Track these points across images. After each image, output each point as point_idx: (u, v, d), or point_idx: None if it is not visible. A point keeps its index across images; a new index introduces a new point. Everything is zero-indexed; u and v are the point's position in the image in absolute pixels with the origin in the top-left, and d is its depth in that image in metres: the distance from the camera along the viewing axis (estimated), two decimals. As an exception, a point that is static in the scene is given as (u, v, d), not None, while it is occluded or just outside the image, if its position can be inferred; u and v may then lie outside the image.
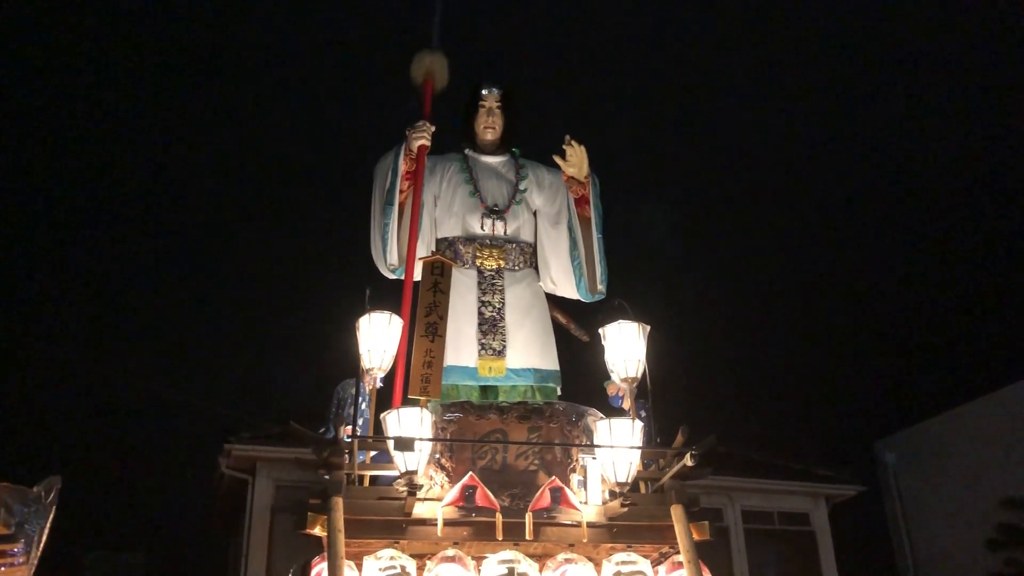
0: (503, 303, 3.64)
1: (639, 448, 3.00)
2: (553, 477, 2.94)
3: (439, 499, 2.89)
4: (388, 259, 3.68)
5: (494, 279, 3.69)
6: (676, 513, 2.90)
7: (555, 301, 3.87)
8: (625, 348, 3.21)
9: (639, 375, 3.19)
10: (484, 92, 3.93)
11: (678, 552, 2.88)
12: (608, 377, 3.35)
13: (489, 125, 3.92)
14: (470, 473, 2.90)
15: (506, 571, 2.78)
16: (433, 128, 3.72)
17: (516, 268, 3.75)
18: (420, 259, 3.45)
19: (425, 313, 3.26)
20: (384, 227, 3.68)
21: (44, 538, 2.61)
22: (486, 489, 2.84)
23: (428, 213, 3.81)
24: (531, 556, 2.85)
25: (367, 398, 3.17)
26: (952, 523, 9.28)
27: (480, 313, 3.61)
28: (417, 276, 3.44)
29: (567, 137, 3.74)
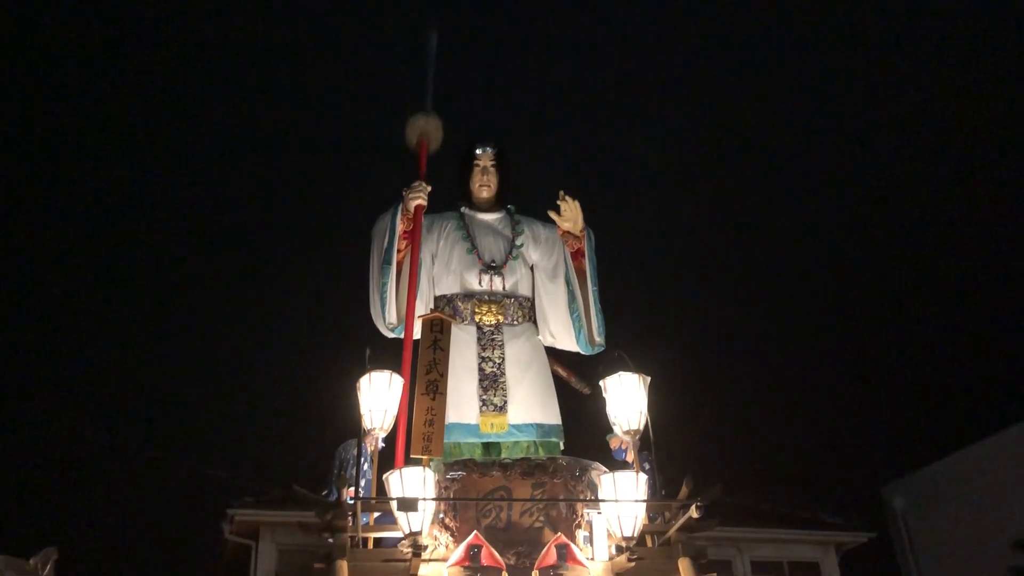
0: (503, 358, 3.61)
1: (644, 501, 2.96)
2: (559, 533, 2.90)
3: (444, 559, 2.84)
4: (387, 318, 3.66)
5: (493, 334, 3.66)
6: (684, 566, 2.87)
7: (555, 354, 3.84)
8: (626, 400, 3.19)
9: (641, 427, 3.16)
10: (478, 151, 3.95)
11: (688, 606, 2.81)
12: (611, 430, 3.33)
13: (484, 183, 3.93)
14: (475, 532, 2.85)
15: (514, 631, 2.71)
16: (429, 188, 3.74)
17: (515, 323, 3.73)
18: (419, 317, 3.43)
19: (425, 371, 3.23)
20: (383, 286, 3.66)
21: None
22: (491, 548, 2.79)
23: (426, 271, 3.79)
24: (539, 615, 2.78)
25: (369, 459, 3.20)
26: (964, 567, 9.01)
27: (480, 369, 3.58)
28: (417, 334, 3.42)
29: (561, 192, 3.75)
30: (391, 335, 3.70)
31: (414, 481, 2.84)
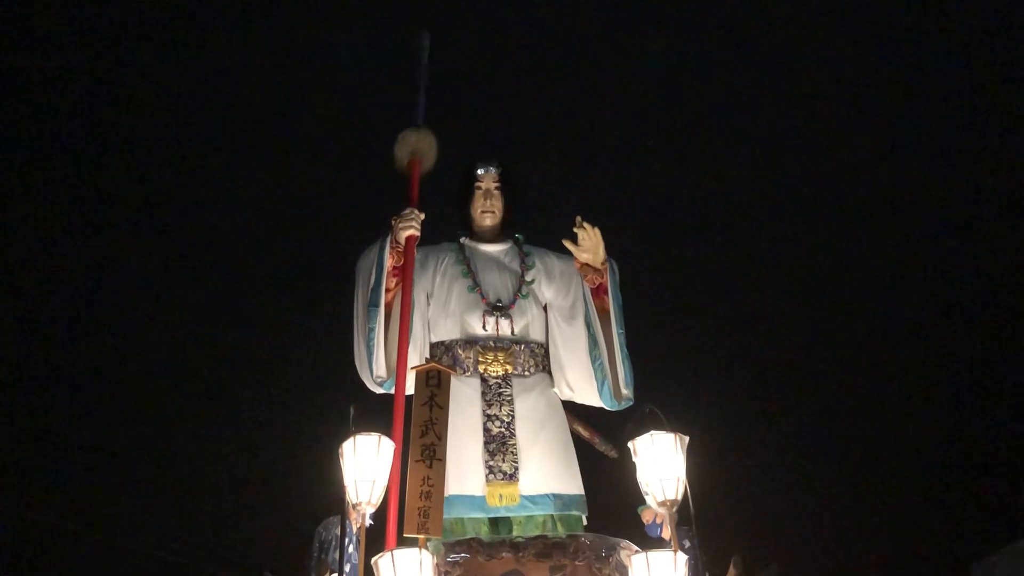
0: (512, 416, 3.55)
1: (685, 586, 2.85)
2: (582, 627, 2.78)
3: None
4: (375, 370, 3.60)
5: (501, 388, 3.60)
6: (736, 664, 2.75)
7: (575, 411, 3.78)
8: (661, 464, 3.10)
9: (679, 496, 3.07)
10: (479, 172, 3.91)
11: None
12: (642, 501, 3.24)
13: (487, 209, 3.90)
14: (481, 626, 2.73)
15: None
16: (422, 216, 3.69)
17: (526, 373, 3.67)
18: (412, 368, 3.37)
19: (420, 433, 3.16)
20: (369, 333, 3.61)
21: None
22: (501, 645, 2.66)
23: (420, 314, 3.75)
24: None
25: (354, 539, 3.06)
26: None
27: (486, 430, 3.51)
28: (410, 389, 3.35)
29: (578, 218, 3.70)
30: (379, 390, 3.64)
31: (408, 565, 2.76)
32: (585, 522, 3.49)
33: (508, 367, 3.65)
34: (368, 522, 3.03)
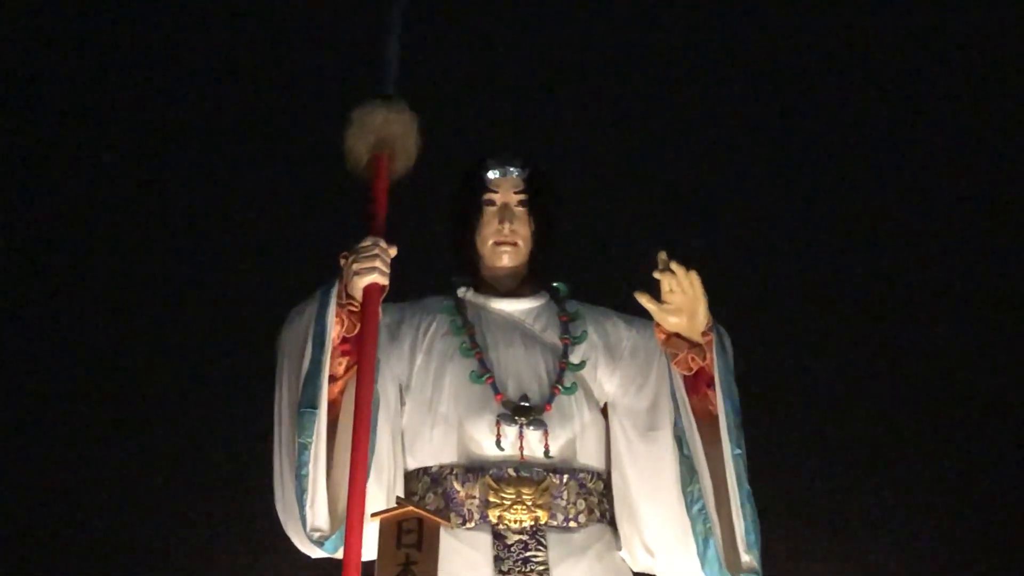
0: (550, 602, 3.39)
1: None
2: None
3: None
4: (309, 520, 3.38)
5: (527, 550, 3.45)
6: None
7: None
8: None
9: None
10: (491, 175, 3.80)
11: None
12: None
13: (505, 239, 3.75)
14: None
15: None
16: (393, 251, 3.49)
17: (572, 524, 3.51)
18: (375, 516, 3.24)
19: (388, 633, 3.03)
20: (300, 455, 3.39)
21: None
22: None
23: (388, 419, 3.59)
24: None
25: None
26: None
27: (503, 627, 3.39)
28: (371, 551, 3.22)
29: (662, 256, 3.45)
30: (317, 553, 3.45)
31: None
32: None
33: (540, 514, 3.47)
34: None
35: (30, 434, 5.79)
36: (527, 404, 3.57)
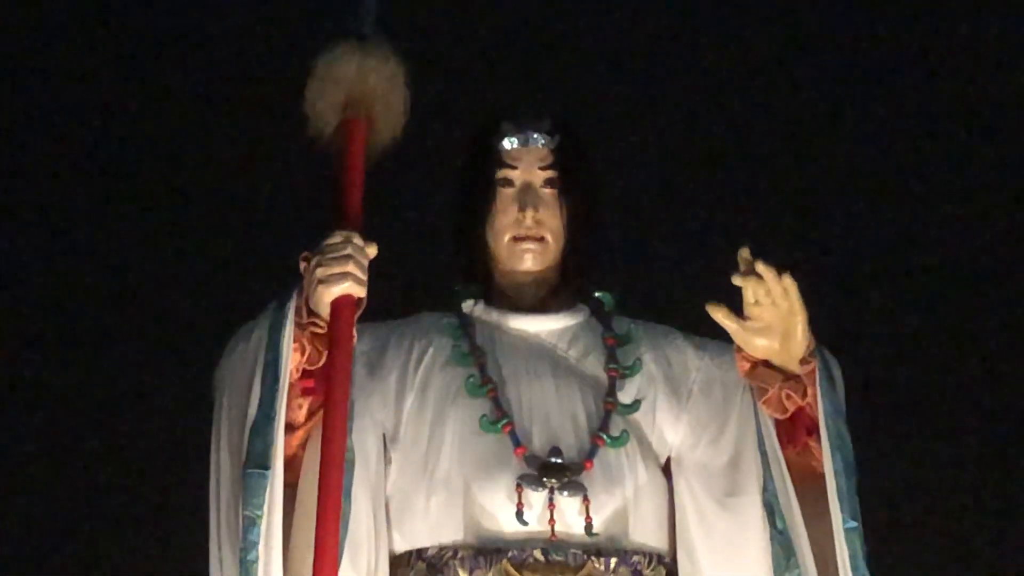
0: None
1: None
2: None
3: None
4: None
5: None
6: None
7: None
8: None
9: None
10: (508, 145, 3.80)
11: None
12: None
13: (528, 233, 3.75)
14: None
15: None
16: (373, 250, 3.49)
17: None
18: None
19: None
20: (246, 533, 3.37)
21: None
22: None
23: (366, 481, 3.58)
24: None
25: None
26: None
27: None
28: None
29: (743, 253, 3.46)
30: None
31: None
32: None
33: (580, 611, 3.44)
34: None
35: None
36: (559, 461, 3.53)
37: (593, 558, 3.50)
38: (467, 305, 3.87)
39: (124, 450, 6.19)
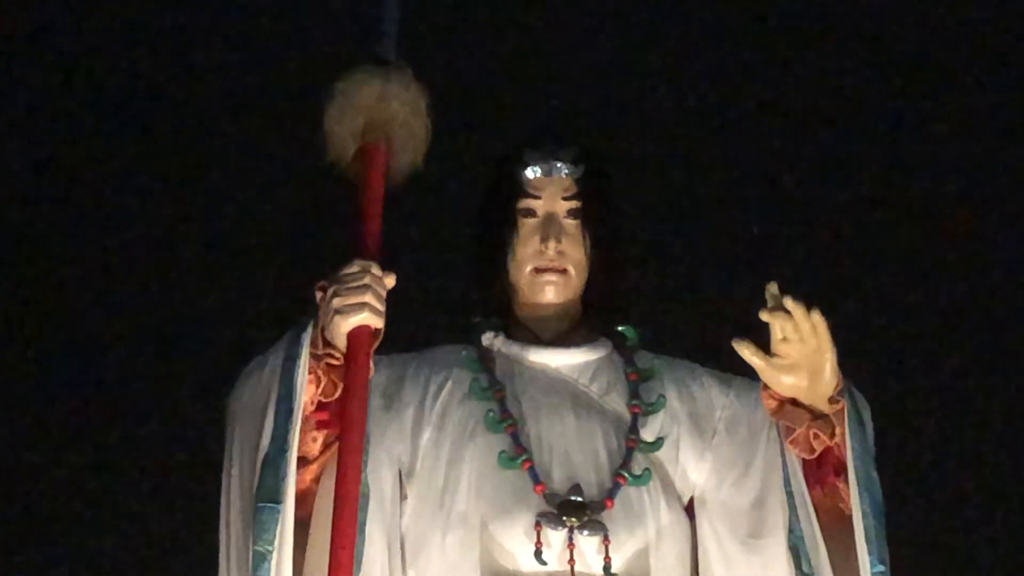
0: None
1: None
2: None
3: None
4: None
5: None
6: None
7: None
8: None
9: None
10: (531, 174, 3.79)
11: None
12: None
13: (551, 264, 3.73)
14: None
15: None
16: (391, 280, 3.47)
17: None
18: None
19: None
20: (256, 568, 3.33)
21: None
22: None
23: (381, 518, 3.55)
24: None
25: None
26: None
27: None
28: None
29: (771, 288, 3.42)
30: None
31: None
32: None
33: (604, 659, 3.41)
34: None
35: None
36: (580, 499, 3.49)
37: (618, 601, 3.46)
38: (487, 338, 3.85)
39: (134, 480, 6.13)
